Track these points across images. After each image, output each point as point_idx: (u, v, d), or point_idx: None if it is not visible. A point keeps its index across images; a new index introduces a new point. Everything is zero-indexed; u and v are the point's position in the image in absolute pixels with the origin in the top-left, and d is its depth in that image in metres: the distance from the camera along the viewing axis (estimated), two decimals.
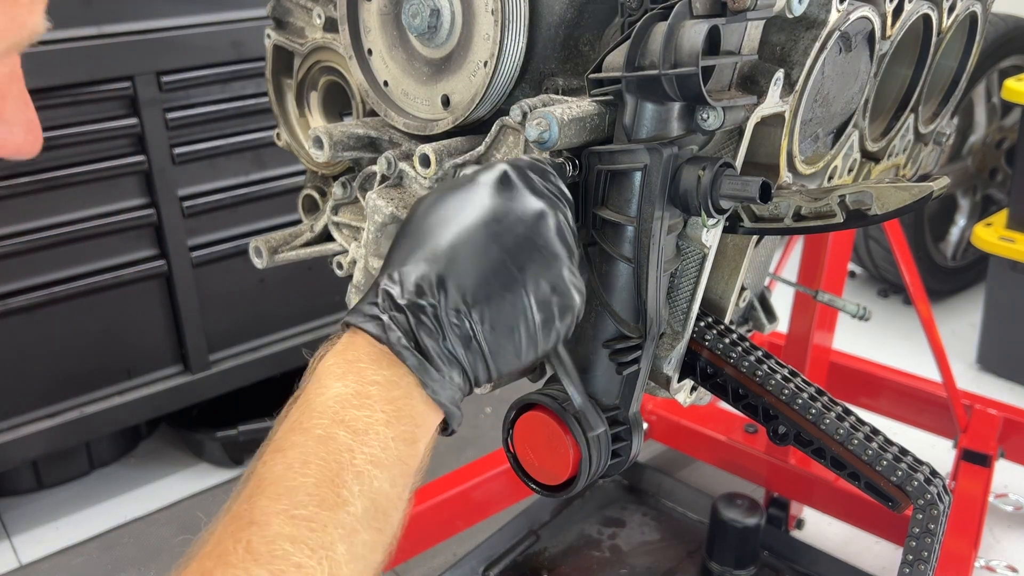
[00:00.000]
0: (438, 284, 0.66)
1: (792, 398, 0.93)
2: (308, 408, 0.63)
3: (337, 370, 0.64)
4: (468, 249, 0.68)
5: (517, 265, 0.68)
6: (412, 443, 0.65)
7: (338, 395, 0.63)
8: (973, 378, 2.86)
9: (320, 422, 0.62)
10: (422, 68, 1.01)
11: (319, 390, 0.64)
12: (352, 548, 0.59)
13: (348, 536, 0.59)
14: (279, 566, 0.55)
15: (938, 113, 1.30)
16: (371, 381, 0.64)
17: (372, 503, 0.61)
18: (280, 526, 0.57)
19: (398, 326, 0.65)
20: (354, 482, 0.60)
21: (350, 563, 0.58)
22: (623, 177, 0.80)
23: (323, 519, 0.58)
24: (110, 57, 1.97)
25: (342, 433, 0.61)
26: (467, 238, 0.68)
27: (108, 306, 2.14)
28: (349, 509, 0.59)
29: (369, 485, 0.61)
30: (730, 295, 1.01)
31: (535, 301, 0.68)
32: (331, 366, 0.65)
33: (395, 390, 0.64)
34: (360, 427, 0.62)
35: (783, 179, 0.96)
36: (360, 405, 0.63)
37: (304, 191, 1.28)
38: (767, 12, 0.80)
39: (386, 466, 0.62)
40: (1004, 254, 2.65)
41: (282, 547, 0.56)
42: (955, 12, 1.13)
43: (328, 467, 0.60)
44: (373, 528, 0.61)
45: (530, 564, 2.05)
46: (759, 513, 1.97)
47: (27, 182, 1.95)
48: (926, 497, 0.93)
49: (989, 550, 2.12)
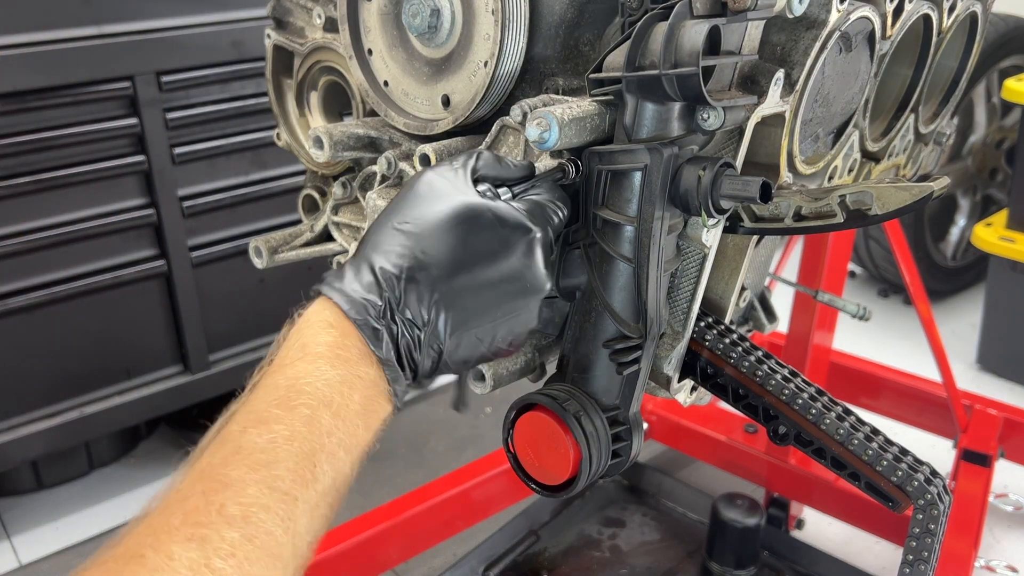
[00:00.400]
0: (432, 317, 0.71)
1: (792, 398, 0.93)
2: (297, 387, 0.66)
3: (330, 355, 0.68)
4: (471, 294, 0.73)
5: (501, 320, 0.75)
6: (370, 431, 0.70)
7: (328, 380, 0.67)
8: (973, 378, 2.86)
9: (308, 403, 0.65)
10: (422, 68, 1.01)
11: (309, 369, 0.67)
12: (311, 521, 0.63)
13: (310, 511, 0.63)
14: (251, 531, 0.58)
15: (938, 113, 1.30)
16: (357, 374, 0.68)
17: (333, 482, 0.65)
18: (257, 495, 0.60)
19: (389, 337, 0.70)
20: (326, 462, 0.65)
21: (306, 535, 0.63)
22: (623, 177, 0.80)
23: (296, 493, 0.62)
24: (110, 57, 1.97)
25: (326, 417, 0.65)
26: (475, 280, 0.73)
27: (108, 306, 2.14)
28: (317, 487, 0.64)
29: (336, 466, 0.66)
30: (730, 295, 1.01)
31: (496, 346, 0.76)
32: (324, 349, 0.68)
33: (371, 389, 0.69)
34: (341, 414, 0.66)
35: (783, 179, 0.96)
36: (343, 394, 0.67)
37: (304, 191, 1.28)
38: (767, 12, 0.80)
39: (351, 450, 0.67)
40: (1004, 254, 2.65)
41: (256, 514, 0.59)
42: (955, 12, 1.13)
43: (310, 446, 0.64)
44: (328, 504, 0.66)
45: (530, 564, 2.05)
46: (759, 513, 1.97)
47: (27, 182, 1.95)
48: (926, 497, 0.93)
49: (989, 550, 2.12)
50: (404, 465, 2.46)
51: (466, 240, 0.72)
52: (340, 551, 1.68)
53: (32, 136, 1.93)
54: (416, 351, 0.71)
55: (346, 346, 0.68)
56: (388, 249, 0.72)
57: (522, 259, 0.75)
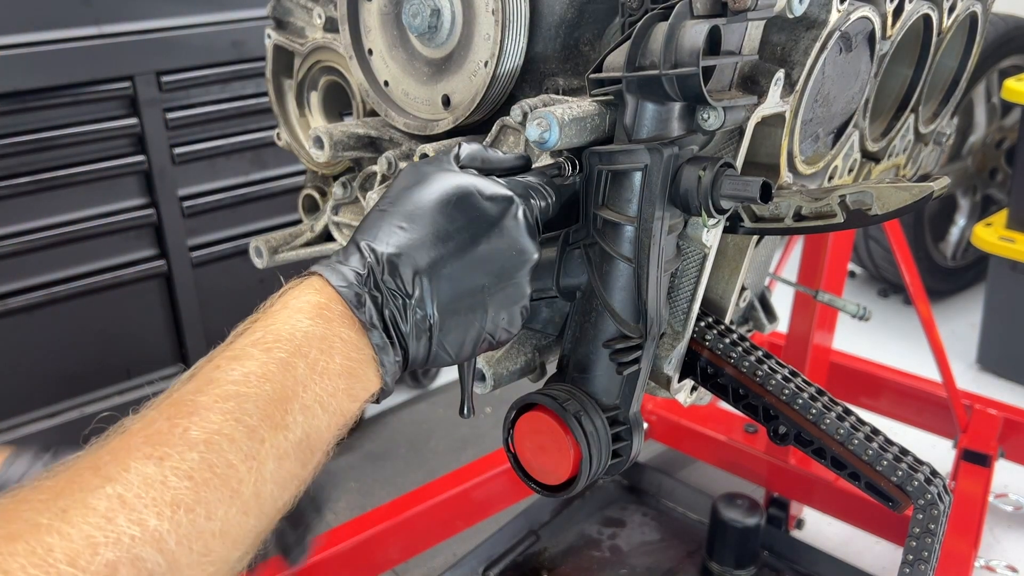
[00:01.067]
0: (418, 285, 0.70)
1: (792, 398, 0.93)
2: (275, 332, 0.65)
3: (310, 310, 0.66)
4: (456, 262, 0.72)
5: (491, 294, 0.73)
6: (354, 401, 0.67)
7: (307, 332, 0.65)
8: (973, 378, 2.86)
9: (285, 347, 0.64)
10: (422, 68, 1.01)
11: (288, 319, 0.66)
12: (279, 471, 0.60)
13: (279, 458, 0.60)
14: (212, 457, 0.57)
15: (938, 113, 1.30)
16: (338, 335, 0.66)
17: (307, 437, 0.63)
18: (222, 423, 0.58)
19: (372, 303, 0.68)
20: (299, 412, 0.62)
21: (272, 484, 0.60)
22: (623, 177, 0.80)
23: (263, 434, 0.60)
24: (110, 57, 1.97)
25: (302, 366, 0.63)
26: (459, 251, 0.72)
27: (108, 306, 2.14)
28: (288, 435, 0.61)
29: (310, 421, 0.63)
30: (730, 295, 1.01)
31: (490, 326, 0.74)
32: (305, 305, 0.67)
33: (355, 353, 0.67)
34: (319, 368, 0.64)
35: (783, 179, 0.96)
36: (323, 349, 0.65)
37: (304, 191, 1.28)
38: (768, 12, 0.80)
39: (328, 411, 0.65)
40: (1004, 254, 2.65)
41: (219, 443, 0.57)
42: (955, 12, 1.13)
43: (282, 390, 0.62)
44: (300, 461, 0.63)
45: (530, 564, 2.05)
46: (759, 513, 1.97)
47: (27, 182, 1.95)
48: (926, 497, 0.93)
49: (989, 550, 2.12)
50: (404, 465, 2.46)
51: (448, 212, 0.72)
52: (340, 551, 1.68)
53: (32, 136, 1.93)
54: (403, 322, 0.69)
55: (329, 307, 0.67)
56: (373, 229, 0.72)
57: (506, 228, 0.74)
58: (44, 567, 0.48)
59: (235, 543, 0.58)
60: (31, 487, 0.54)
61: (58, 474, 0.55)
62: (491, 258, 0.73)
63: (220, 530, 0.56)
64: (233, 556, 0.58)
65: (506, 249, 0.74)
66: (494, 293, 0.74)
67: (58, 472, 0.55)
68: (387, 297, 0.69)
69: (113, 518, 0.52)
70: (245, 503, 0.58)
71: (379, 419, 2.63)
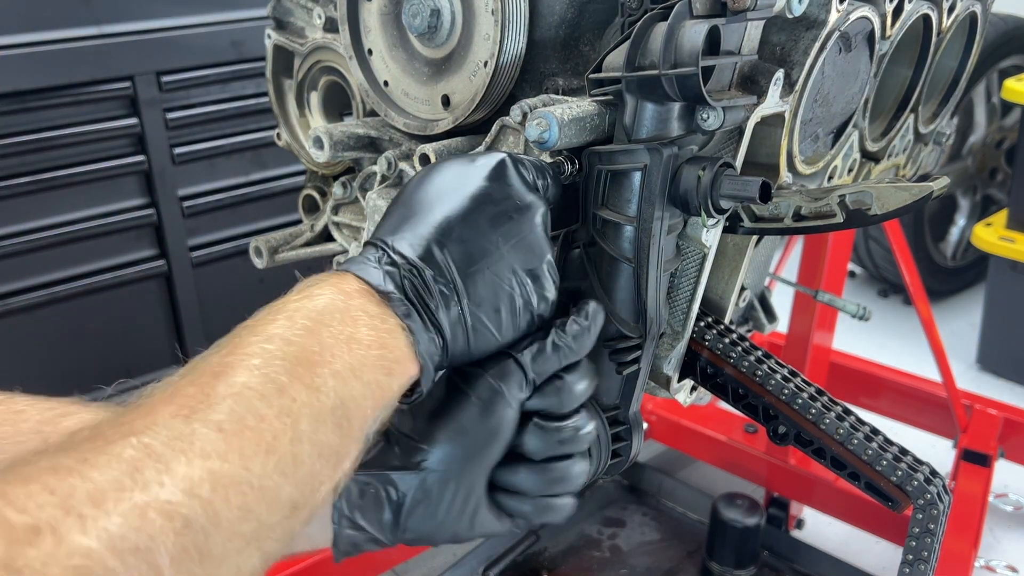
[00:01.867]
0: (431, 253, 0.68)
1: (792, 398, 0.93)
2: (292, 307, 0.62)
3: (327, 289, 0.64)
4: (463, 224, 0.70)
5: (507, 247, 0.71)
6: (388, 375, 0.63)
7: (327, 305, 0.62)
8: (973, 378, 2.86)
9: (307, 317, 0.61)
10: (422, 68, 1.01)
11: (305, 297, 0.63)
12: (315, 434, 0.56)
13: (315, 420, 0.56)
14: (242, 411, 0.52)
15: (938, 113, 1.30)
16: (361, 308, 0.63)
17: (343, 404, 0.58)
18: (249, 378, 0.54)
19: (392, 280, 0.66)
20: (330, 377, 0.58)
21: (309, 447, 0.55)
22: (623, 177, 0.80)
23: (295, 392, 0.55)
24: (110, 57, 1.97)
25: (326, 334, 0.60)
26: (463, 214, 0.70)
27: (108, 306, 2.14)
28: (320, 397, 0.57)
29: (343, 388, 0.59)
30: (730, 295, 1.01)
31: (518, 284, 0.71)
32: (320, 286, 0.64)
33: (381, 324, 0.64)
34: (344, 336, 0.61)
35: (783, 179, 0.96)
36: (347, 321, 0.62)
37: (304, 191, 1.28)
38: (767, 12, 0.80)
39: (362, 381, 0.60)
40: (1004, 254, 2.65)
41: (248, 397, 0.53)
42: (955, 12, 1.13)
43: (309, 354, 0.58)
44: (338, 429, 0.58)
45: (530, 564, 2.05)
46: (759, 513, 1.97)
47: (27, 182, 1.95)
48: (926, 497, 0.93)
49: (989, 550, 2.12)
50: None
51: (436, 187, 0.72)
52: None
53: (32, 136, 1.93)
54: (426, 294, 0.66)
55: (345, 283, 0.65)
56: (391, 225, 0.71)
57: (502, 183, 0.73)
58: (64, 507, 0.43)
59: (273, 505, 0.53)
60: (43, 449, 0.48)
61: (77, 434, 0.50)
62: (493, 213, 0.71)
63: (258, 485, 0.51)
64: (272, 519, 0.53)
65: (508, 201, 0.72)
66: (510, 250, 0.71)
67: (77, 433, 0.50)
68: (404, 271, 0.67)
69: (141, 466, 0.47)
70: (281, 461, 0.53)
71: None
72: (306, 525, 0.58)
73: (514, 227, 0.72)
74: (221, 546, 0.48)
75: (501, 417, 0.71)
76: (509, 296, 0.71)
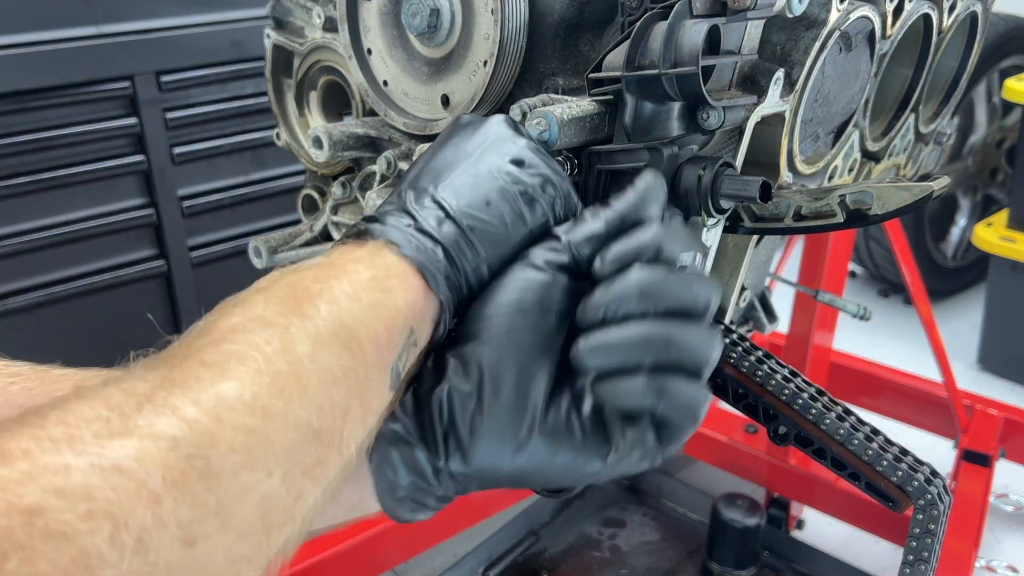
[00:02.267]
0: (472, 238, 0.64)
1: (792, 398, 0.93)
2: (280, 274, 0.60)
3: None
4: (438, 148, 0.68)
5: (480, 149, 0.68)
6: (387, 291, 0.59)
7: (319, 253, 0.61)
8: (973, 378, 2.86)
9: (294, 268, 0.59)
10: (422, 68, 1.01)
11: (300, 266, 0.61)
12: (317, 354, 0.52)
13: (313, 341, 0.53)
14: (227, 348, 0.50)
15: (939, 113, 1.30)
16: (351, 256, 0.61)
17: (344, 325, 0.55)
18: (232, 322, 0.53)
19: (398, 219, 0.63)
20: (322, 305, 0.55)
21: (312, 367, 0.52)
22: (623, 177, 0.80)
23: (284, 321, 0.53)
24: (110, 57, 1.97)
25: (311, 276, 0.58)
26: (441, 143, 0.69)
27: (108, 306, 2.14)
28: (316, 322, 0.54)
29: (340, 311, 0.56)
30: (730, 295, 1.01)
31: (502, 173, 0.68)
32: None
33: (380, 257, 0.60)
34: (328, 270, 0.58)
35: (783, 179, 0.96)
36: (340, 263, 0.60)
37: (304, 191, 1.28)
38: (767, 11, 0.80)
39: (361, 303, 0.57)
40: (1004, 254, 2.65)
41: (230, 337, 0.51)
42: (955, 12, 1.13)
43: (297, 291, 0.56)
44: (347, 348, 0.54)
45: (530, 564, 2.05)
46: (759, 513, 1.97)
47: (27, 182, 1.95)
48: (926, 497, 0.92)
49: (989, 550, 2.12)
50: None
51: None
52: (340, 551, 1.68)
53: (32, 136, 1.93)
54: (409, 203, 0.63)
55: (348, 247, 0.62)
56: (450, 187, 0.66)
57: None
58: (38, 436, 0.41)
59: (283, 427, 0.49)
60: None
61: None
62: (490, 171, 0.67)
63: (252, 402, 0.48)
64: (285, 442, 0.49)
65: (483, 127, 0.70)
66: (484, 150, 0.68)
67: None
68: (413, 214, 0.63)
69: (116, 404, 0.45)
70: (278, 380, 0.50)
71: None
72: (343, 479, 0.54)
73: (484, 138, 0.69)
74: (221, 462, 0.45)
75: (527, 280, 0.64)
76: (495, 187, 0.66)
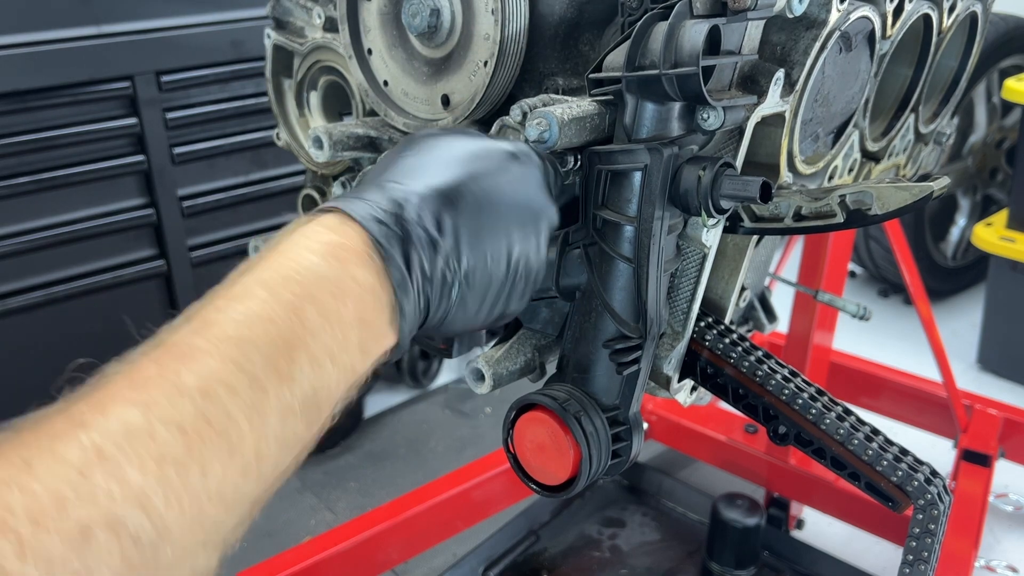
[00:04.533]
0: (440, 215, 0.65)
1: (792, 398, 0.93)
2: (282, 271, 0.57)
3: (322, 250, 0.59)
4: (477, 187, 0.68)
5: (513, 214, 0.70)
6: (366, 355, 0.60)
7: (318, 273, 0.58)
8: (973, 378, 2.86)
9: (292, 289, 0.56)
10: (422, 68, 1.01)
11: (297, 257, 0.58)
12: (283, 429, 0.53)
13: (284, 414, 0.53)
14: (209, 408, 0.49)
15: (938, 113, 1.30)
16: (352, 276, 0.59)
17: (315, 393, 0.55)
18: (221, 369, 0.51)
19: (399, 243, 0.62)
20: (306, 363, 0.55)
21: (275, 444, 0.52)
22: (623, 177, 0.80)
23: (267, 384, 0.52)
24: (110, 57, 1.97)
25: (311, 311, 0.56)
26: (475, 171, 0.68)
27: (108, 306, 2.14)
28: (294, 388, 0.54)
29: (319, 375, 0.56)
30: (730, 295, 1.01)
31: (513, 262, 0.70)
32: (316, 244, 0.60)
33: (371, 298, 0.60)
34: (330, 315, 0.57)
35: (783, 179, 0.96)
36: (335, 294, 0.58)
37: (304, 191, 1.28)
38: (767, 12, 0.80)
39: (338, 363, 0.57)
40: (1004, 254, 2.65)
41: (217, 391, 0.50)
42: (955, 12, 1.13)
43: (289, 337, 0.54)
44: (306, 420, 0.55)
45: (530, 564, 2.05)
46: (759, 513, 1.97)
47: (27, 182, 1.95)
48: (926, 497, 0.93)
49: (989, 550, 2.12)
50: (404, 465, 2.46)
51: (480, 158, 0.70)
52: (340, 551, 1.68)
53: (32, 136, 1.93)
54: (428, 266, 0.63)
55: (345, 247, 0.60)
56: (398, 173, 0.66)
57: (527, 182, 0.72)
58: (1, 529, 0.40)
59: (231, 507, 0.50)
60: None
61: (22, 426, 0.47)
62: (516, 210, 0.70)
63: (216, 491, 0.49)
64: (229, 522, 0.51)
65: (529, 203, 0.71)
66: (515, 250, 0.70)
67: (22, 424, 0.47)
68: (415, 239, 0.62)
69: (88, 472, 0.43)
70: (245, 463, 0.50)
71: (379, 419, 2.63)
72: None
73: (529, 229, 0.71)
74: (171, 556, 0.46)
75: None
76: (496, 296, 0.69)
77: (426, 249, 0.63)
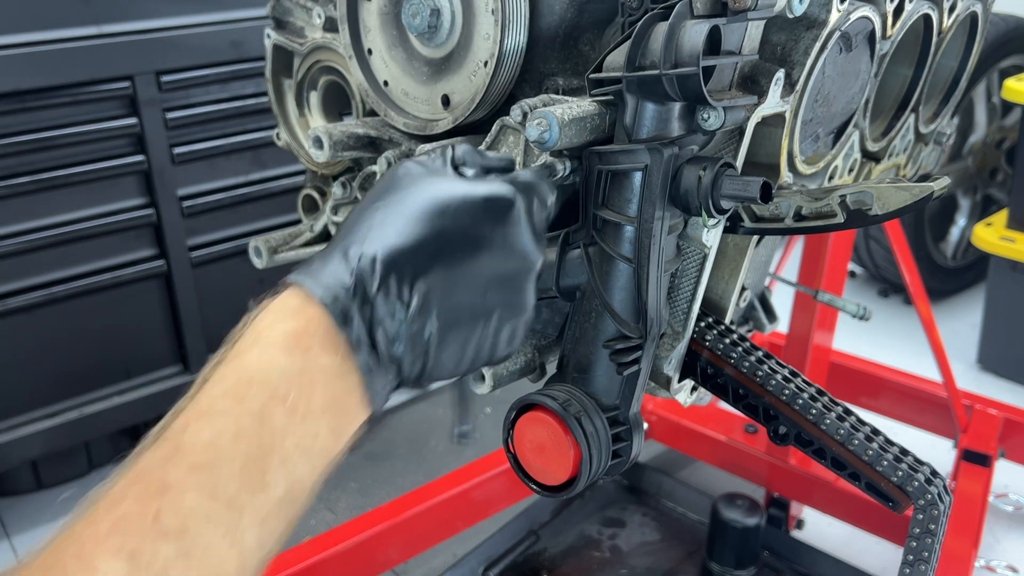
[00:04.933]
0: (413, 279, 0.63)
1: (793, 398, 0.93)
2: (247, 375, 0.59)
3: (285, 342, 0.60)
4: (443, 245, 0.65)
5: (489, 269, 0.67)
6: (340, 438, 0.62)
7: (283, 370, 0.59)
8: (973, 378, 2.86)
9: (259, 396, 0.58)
10: (422, 68, 1.01)
11: (261, 357, 0.59)
12: (261, 536, 0.56)
13: (261, 523, 0.56)
14: (189, 546, 0.52)
15: (938, 113, 1.30)
16: (318, 366, 0.60)
17: (289, 491, 0.58)
18: (197, 501, 0.54)
19: (361, 319, 0.62)
20: (279, 467, 0.57)
21: (256, 552, 0.56)
22: (624, 177, 0.80)
23: (243, 502, 0.55)
24: (110, 57, 1.97)
25: (279, 413, 0.58)
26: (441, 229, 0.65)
27: (108, 306, 2.14)
28: (269, 494, 0.57)
29: (292, 472, 0.58)
30: (730, 295, 1.01)
31: (492, 312, 0.69)
32: (279, 337, 0.60)
33: (339, 382, 0.61)
34: (299, 411, 0.59)
35: (784, 179, 0.96)
36: (302, 387, 0.59)
37: (304, 191, 1.28)
38: (768, 12, 0.80)
39: (311, 456, 0.60)
40: (1004, 254, 2.65)
41: (195, 527, 0.53)
42: (955, 12, 1.13)
43: (259, 447, 0.57)
44: (284, 517, 0.58)
45: (530, 564, 2.05)
46: (759, 513, 1.97)
47: (27, 182, 1.95)
48: (926, 497, 0.93)
49: (989, 550, 2.12)
50: (404, 465, 2.46)
51: (447, 213, 0.65)
52: (340, 551, 1.68)
53: (32, 136, 1.93)
54: (398, 340, 0.62)
55: (308, 333, 0.60)
56: (362, 234, 0.64)
57: (509, 232, 0.68)
58: None
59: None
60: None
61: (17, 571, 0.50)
62: (495, 264, 0.67)
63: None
64: None
65: (510, 253, 0.68)
66: (497, 304, 0.68)
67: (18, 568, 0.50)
68: (379, 310, 0.62)
69: None
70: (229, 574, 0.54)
71: (379, 419, 2.63)
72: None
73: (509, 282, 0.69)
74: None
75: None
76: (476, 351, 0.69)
77: (393, 315, 0.62)
